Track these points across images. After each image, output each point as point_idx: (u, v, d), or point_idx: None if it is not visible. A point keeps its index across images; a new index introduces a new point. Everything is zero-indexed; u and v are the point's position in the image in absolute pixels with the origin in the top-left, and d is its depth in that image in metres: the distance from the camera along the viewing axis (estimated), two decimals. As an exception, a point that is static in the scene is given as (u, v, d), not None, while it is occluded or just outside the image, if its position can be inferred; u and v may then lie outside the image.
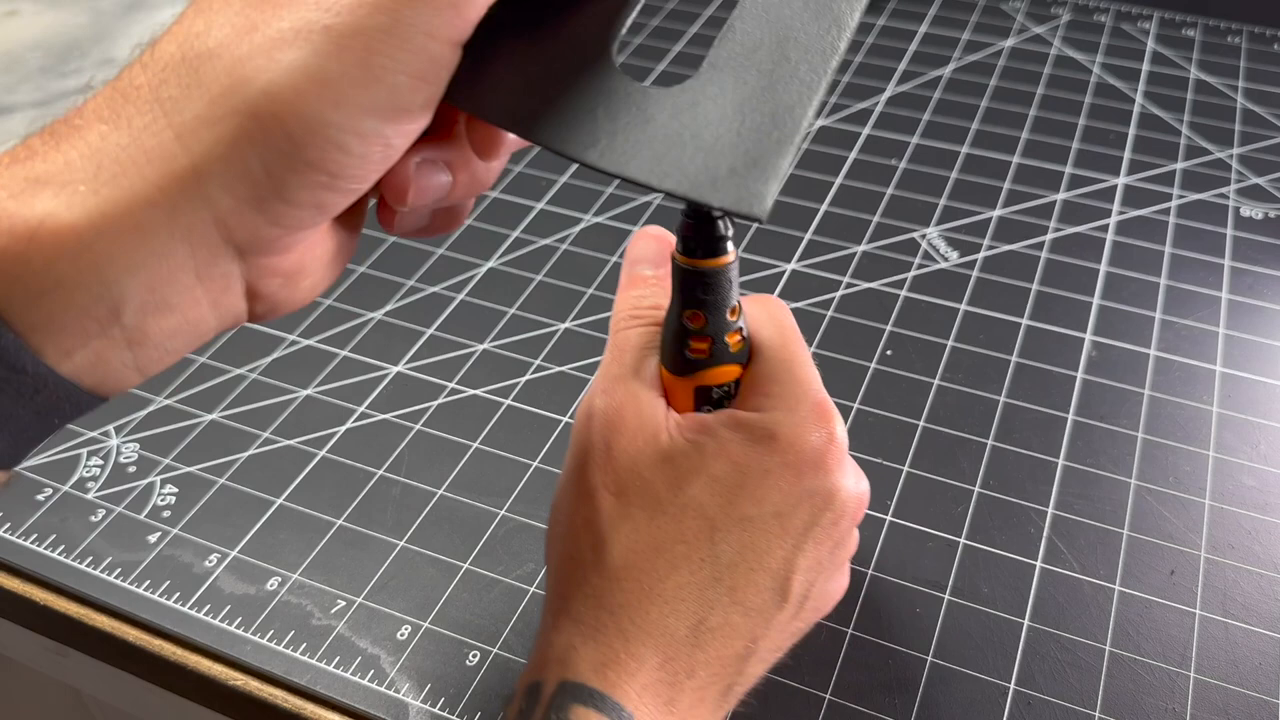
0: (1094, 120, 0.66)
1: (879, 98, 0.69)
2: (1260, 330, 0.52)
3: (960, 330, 0.53)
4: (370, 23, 0.24)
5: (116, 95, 0.25)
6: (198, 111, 0.24)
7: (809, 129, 0.27)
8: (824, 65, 0.28)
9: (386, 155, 0.26)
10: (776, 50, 0.28)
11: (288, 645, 0.40)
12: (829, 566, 0.34)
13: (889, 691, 0.39)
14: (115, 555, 0.43)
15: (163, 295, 0.25)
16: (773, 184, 0.26)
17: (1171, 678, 0.39)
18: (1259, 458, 0.46)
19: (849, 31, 0.28)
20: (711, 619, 0.31)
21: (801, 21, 0.29)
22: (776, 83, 0.28)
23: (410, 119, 0.26)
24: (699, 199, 0.27)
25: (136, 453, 0.48)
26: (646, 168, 0.27)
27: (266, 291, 0.27)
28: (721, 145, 0.27)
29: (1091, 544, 0.43)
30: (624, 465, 0.32)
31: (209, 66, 0.24)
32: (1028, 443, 0.47)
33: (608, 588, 0.31)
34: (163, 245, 0.24)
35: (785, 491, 0.32)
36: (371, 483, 0.46)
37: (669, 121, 0.28)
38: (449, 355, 0.52)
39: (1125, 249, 0.57)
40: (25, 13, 0.80)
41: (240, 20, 0.25)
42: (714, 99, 0.28)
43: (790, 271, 0.56)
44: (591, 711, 0.29)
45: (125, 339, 0.25)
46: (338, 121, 0.24)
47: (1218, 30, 0.75)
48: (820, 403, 0.33)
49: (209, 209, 0.24)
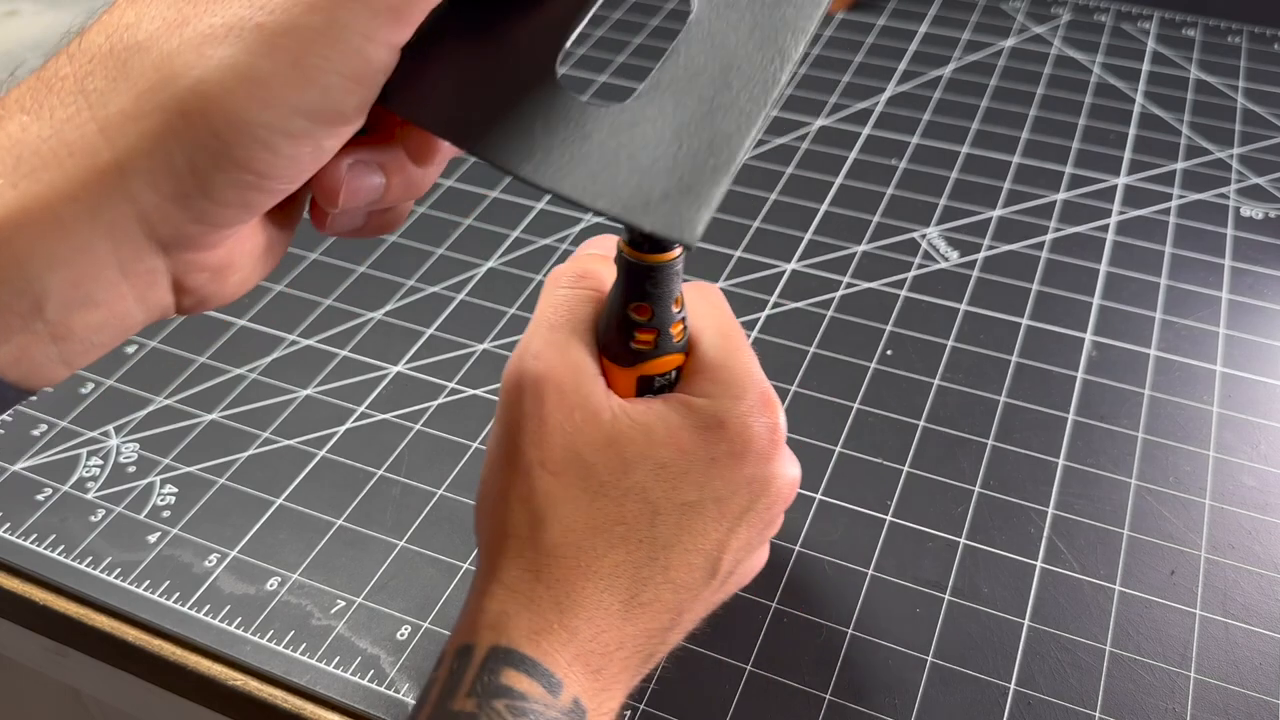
0: (1094, 120, 0.66)
1: (879, 97, 0.69)
2: (1260, 330, 0.52)
3: (960, 330, 0.53)
4: (304, 21, 0.23)
5: (40, 85, 0.24)
6: (123, 105, 0.23)
7: (745, 158, 0.27)
8: (764, 96, 0.28)
9: (316, 157, 0.26)
10: (719, 77, 0.28)
11: (287, 645, 0.40)
12: (756, 544, 0.35)
13: (889, 692, 0.39)
14: (115, 555, 0.43)
15: (86, 290, 0.24)
16: (705, 211, 0.26)
17: (1172, 678, 0.39)
18: (1259, 458, 0.46)
19: (791, 64, 0.28)
20: (644, 595, 0.32)
21: (746, 50, 0.29)
22: (716, 110, 0.28)
23: (342, 121, 0.25)
24: (630, 221, 0.26)
25: (136, 453, 0.48)
26: (580, 185, 0.27)
27: (193, 286, 0.26)
28: (657, 168, 0.27)
29: (1092, 544, 0.43)
30: (561, 444, 0.32)
31: (137, 60, 0.24)
32: (1028, 443, 0.47)
33: (544, 562, 0.31)
34: (85, 241, 0.24)
35: (727, 479, 0.33)
36: (371, 483, 0.46)
37: (607, 140, 0.27)
38: (449, 355, 0.52)
39: (1125, 249, 0.57)
40: (25, 13, 0.80)
41: (171, 14, 0.24)
42: (653, 120, 0.28)
43: (790, 271, 0.56)
44: (523, 676, 0.29)
45: (49, 334, 0.24)
46: (266, 121, 0.24)
47: (1218, 30, 0.75)
48: (765, 392, 0.34)
49: (132, 205, 0.24)
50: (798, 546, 0.43)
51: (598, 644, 0.31)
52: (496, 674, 0.29)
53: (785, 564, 0.43)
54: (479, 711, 0.29)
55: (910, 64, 0.72)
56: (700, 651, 0.40)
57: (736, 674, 0.39)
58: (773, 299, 0.54)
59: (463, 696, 0.29)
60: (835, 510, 0.45)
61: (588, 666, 0.31)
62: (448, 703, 0.29)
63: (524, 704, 0.29)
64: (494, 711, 0.29)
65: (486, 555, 0.33)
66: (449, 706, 0.29)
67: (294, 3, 0.23)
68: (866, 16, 0.77)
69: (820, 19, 0.29)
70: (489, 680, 0.29)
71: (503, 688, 0.29)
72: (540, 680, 0.29)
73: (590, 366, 0.33)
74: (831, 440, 0.47)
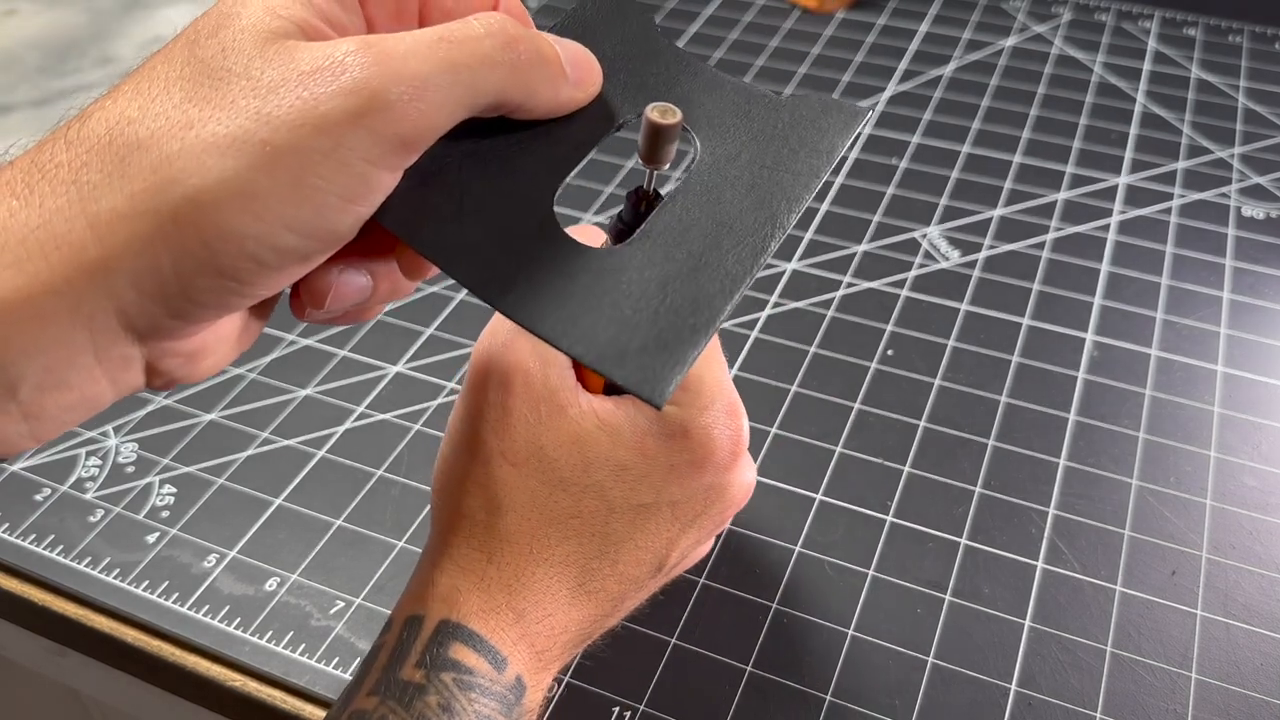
0: (1095, 120, 0.66)
1: (879, 97, 0.69)
2: (1262, 330, 0.52)
3: (961, 330, 0.52)
4: (310, 144, 0.23)
5: (34, 169, 0.24)
6: (116, 204, 0.23)
7: (724, 321, 0.27)
8: (753, 260, 0.28)
9: (303, 269, 0.26)
10: (711, 234, 0.28)
11: (286, 646, 0.40)
12: (704, 540, 0.36)
13: (890, 693, 0.39)
14: (114, 555, 0.43)
15: (60, 375, 0.24)
16: (678, 371, 0.26)
17: (1173, 678, 0.39)
18: (1260, 458, 0.46)
19: (783, 232, 0.28)
20: (591, 584, 0.33)
21: (740, 211, 0.29)
22: (703, 268, 0.27)
23: (335, 240, 0.25)
24: (603, 371, 0.26)
25: (135, 453, 0.47)
26: (559, 328, 0.26)
27: (166, 369, 0.27)
28: (638, 320, 0.27)
29: (1093, 544, 0.43)
30: (524, 436, 0.32)
31: (136, 158, 0.24)
32: (1029, 443, 0.47)
33: (497, 546, 0.32)
34: (63, 332, 0.24)
35: (685, 485, 0.33)
36: (371, 483, 0.46)
37: (592, 284, 0.27)
38: (448, 355, 0.52)
39: (1126, 249, 0.57)
40: (24, 12, 0.80)
41: (177, 114, 0.24)
42: (640, 269, 0.27)
43: (791, 271, 0.56)
44: (471, 651, 0.30)
45: (21, 413, 0.24)
46: (256, 235, 0.24)
47: (1219, 29, 0.75)
48: (732, 402, 0.34)
49: (113, 300, 0.24)
50: (798, 547, 0.43)
51: (544, 626, 0.32)
52: (445, 647, 0.30)
53: (786, 565, 0.43)
54: (427, 683, 0.29)
55: (911, 63, 0.72)
56: (700, 652, 0.40)
57: (737, 675, 0.39)
58: (773, 298, 0.54)
59: (411, 666, 0.30)
60: (836, 511, 0.45)
61: (532, 647, 0.32)
62: (396, 670, 0.30)
63: (470, 678, 0.30)
64: (442, 684, 0.29)
65: (440, 532, 0.33)
66: (397, 675, 0.30)
67: (300, 123, 0.23)
68: (867, 16, 0.77)
69: (818, 188, 0.29)
70: (438, 653, 0.30)
71: (451, 661, 0.30)
72: (487, 656, 0.30)
73: (560, 358, 0.33)
74: (832, 440, 0.47)
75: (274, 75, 0.24)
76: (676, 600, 0.41)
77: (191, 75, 0.25)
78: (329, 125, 0.23)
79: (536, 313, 0.27)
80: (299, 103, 0.24)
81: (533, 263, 0.27)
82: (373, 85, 0.24)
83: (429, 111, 0.25)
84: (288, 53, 0.24)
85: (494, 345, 0.34)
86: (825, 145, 0.30)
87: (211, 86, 0.24)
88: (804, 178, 0.29)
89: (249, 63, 0.24)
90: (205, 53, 0.25)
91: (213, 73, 0.24)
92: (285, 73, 0.24)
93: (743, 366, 0.51)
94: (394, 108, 0.24)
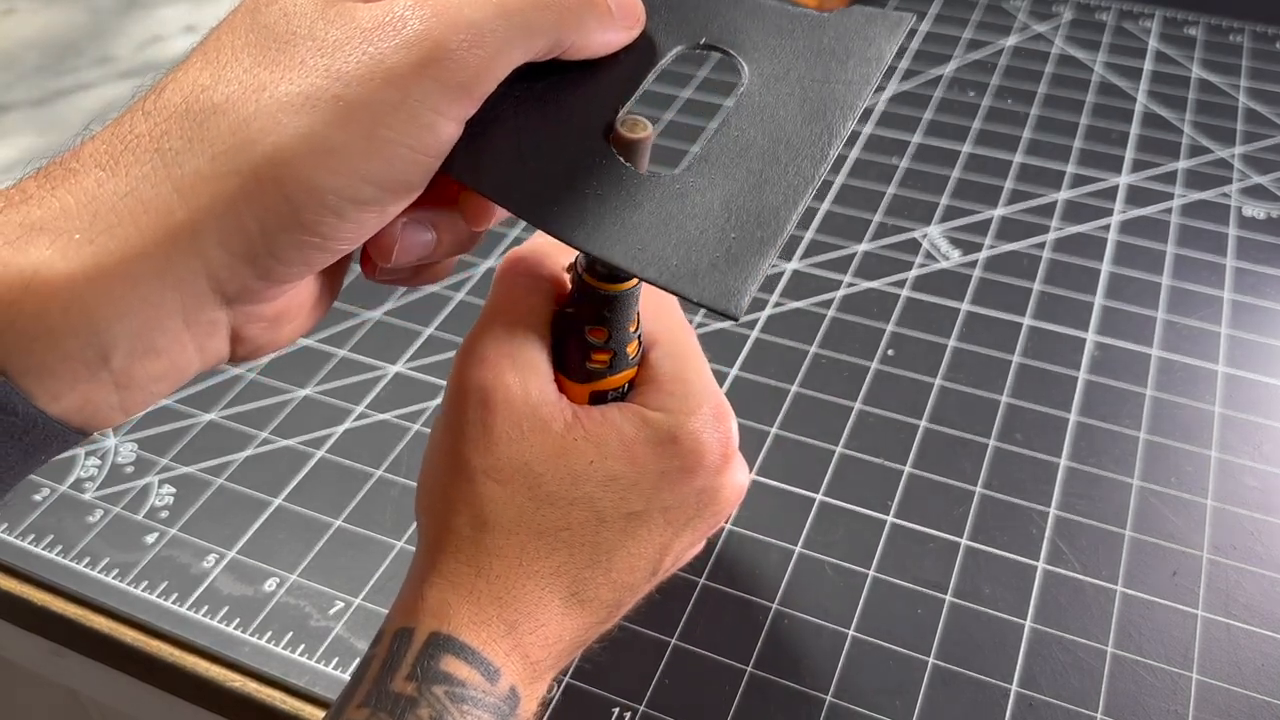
0: (1096, 119, 0.66)
1: (880, 96, 0.69)
2: (1263, 330, 0.52)
3: (962, 330, 0.52)
4: (380, 97, 0.24)
5: (116, 141, 0.25)
6: (199, 166, 0.24)
7: (791, 230, 0.28)
8: (813, 170, 0.28)
9: (379, 221, 0.27)
10: (768, 151, 0.29)
11: (286, 646, 0.40)
12: (698, 542, 0.36)
13: (890, 693, 0.38)
14: (113, 556, 0.43)
15: (150, 341, 0.25)
16: (751, 283, 0.27)
17: (1174, 679, 0.39)
18: (1261, 458, 0.46)
19: (840, 140, 0.29)
20: (584, 593, 0.32)
21: (795, 125, 0.29)
22: (765, 183, 0.28)
23: (408, 190, 0.26)
24: (678, 290, 0.27)
25: (134, 453, 0.47)
26: (630, 254, 0.27)
27: (250, 335, 0.28)
28: (705, 239, 0.27)
29: (1094, 545, 0.43)
30: (509, 454, 0.32)
31: (214, 122, 0.25)
32: (1030, 443, 0.47)
33: (487, 561, 0.31)
34: (154, 294, 0.24)
35: (676, 491, 0.33)
36: (370, 483, 0.46)
37: (656, 210, 0.28)
38: (448, 355, 0.52)
39: (1127, 248, 0.57)
40: (22, 11, 0.80)
41: (249, 79, 0.25)
42: (702, 191, 0.28)
43: (791, 271, 0.56)
44: (463, 664, 0.30)
45: (113, 382, 0.25)
46: (336, 188, 0.25)
47: (1220, 29, 0.75)
48: (719, 405, 0.34)
49: (202, 262, 0.25)
50: (798, 547, 0.43)
51: (537, 637, 0.32)
52: (436, 659, 0.30)
53: (786, 565, 0.43)
54: (419, 696, 0.29)
55: (912, 63, 0.72)
56: (701, 652, 0.40)
57: (737, 675, 0.39)
58: (773, 298, 0.54)
59: (402, 679, 0.30)
60: (836, 511, 0.44)
61: (526, 658, 0.31)
62: (386, 683, 0.30)
63: (462, 690, 0.29)
64: (434, 696, 0.29)
65: (427, 548, 0.33)
66: (388, 687, 0.30)
67: (369, 76, 0.25)
68: (867, 15, 0.77)
69: (870, 95, 0.30)
70: (429, 665, 0.30)
71: (442, 674, 0.30)
72: (479, 668, 0.30)
73: (542, 369, 0.33)
74: (832, 441, 0.47)
75: (338, 34, 0.25)
76: (676, 600, 0.41)
77: (258, 41, 0.26)
78: (396, 77, 0.25)
79: (608, 242, 0.27)
80: (366, 58, 0.25)
81: (596, 195, 0.28)
82: (434, 35, 0.25)
83: (488, 57, 0.26)
84: (348, 13, 0.26)
85: (470, 364, 0.33)
86: (873, 53, 0.30)
87: (279, 50, 0.25)
88: (856, 85, 0.30)
89: (312, 25, 0.26)
90: (267, 19, 0.26)
91: (278, 37, 0.26)
92: (349, 31, 0.25)
93: (743, 366, 0.51)
94: (455, 56, 0.25)
